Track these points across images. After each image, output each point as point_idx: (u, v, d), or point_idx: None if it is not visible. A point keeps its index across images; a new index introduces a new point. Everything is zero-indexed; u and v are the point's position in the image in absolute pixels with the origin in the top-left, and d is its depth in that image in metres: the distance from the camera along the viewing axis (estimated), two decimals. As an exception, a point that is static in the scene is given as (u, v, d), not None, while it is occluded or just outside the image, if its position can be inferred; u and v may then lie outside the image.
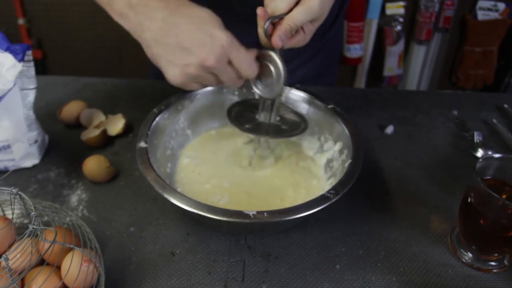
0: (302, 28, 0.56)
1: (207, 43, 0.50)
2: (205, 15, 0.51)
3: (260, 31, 0.55)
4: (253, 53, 0.55)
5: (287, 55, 0.56)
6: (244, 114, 0.65)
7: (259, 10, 0.54)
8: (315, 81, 0.89)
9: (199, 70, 0.51)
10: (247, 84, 0.59)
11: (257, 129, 0.63)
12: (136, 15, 0.51)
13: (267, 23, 0.54)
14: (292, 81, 0.74)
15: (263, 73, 0.57)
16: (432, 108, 0.87)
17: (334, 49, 0.95)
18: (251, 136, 0.67)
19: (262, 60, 0.57)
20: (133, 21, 0.52)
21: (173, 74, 0.52)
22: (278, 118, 0.64)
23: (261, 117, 0.64)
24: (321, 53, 0.89)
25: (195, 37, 0.50)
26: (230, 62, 0.52)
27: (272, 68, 0.56)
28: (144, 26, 0.51)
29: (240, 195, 0.62)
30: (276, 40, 0.54)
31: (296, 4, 0.54)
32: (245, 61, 0.53)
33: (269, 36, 0.54)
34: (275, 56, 0.55)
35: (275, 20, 0.54)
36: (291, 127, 0.64)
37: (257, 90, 0.60)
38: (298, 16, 0.53)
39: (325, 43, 0.88)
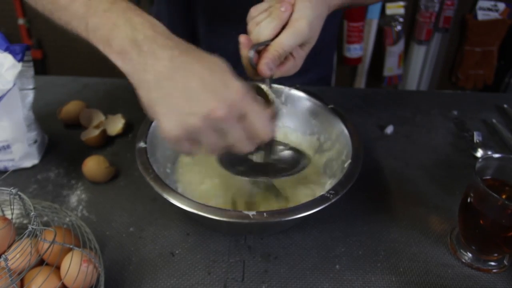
0: (291, 53, 0.51)
1: (220, 90, 0.40)
2: (218, 60, 0.43)
3: (245, 61, 0.49)
4: (270, 111, 0.47)
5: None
6: (236, 156, 0.53)
7: (242, 38, 0.48)
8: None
9: (203, 123, 0.41)
10: None
11: (253, 171, 0.56)
12: (139, 54, 0.42)
13: (252, 52, 0.48)
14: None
15: None
16: (432, 108, 0.87)
17: (327, 60, 0.93)
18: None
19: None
20: (135, 60, 0.42)
21: (170, 125, 0.41)
22: (275, 157, 0.57)
23: (257, 157, 0.56)
24: (313, 69, 0.87)
25: (206, 83, 0.41)
26: (242, 120, 0.42)
27: (259, 101, 0.49)
28: (147, 66, 0.42)
29: (240, 195, 0.62)
30: (264, 69, 0.48)
31: (283, 28, 0.49)
32: (262, 119, 0.43)
33: (255, 65, 0.49)
34: (265, 89, 0.49)
35: (261, 48, 0.49)
36: (291, 164, 0.57)
37: None
38: (285, 41, 0.48)
39: (317, 60, 0.87)
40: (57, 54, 1.97)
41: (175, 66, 0.41)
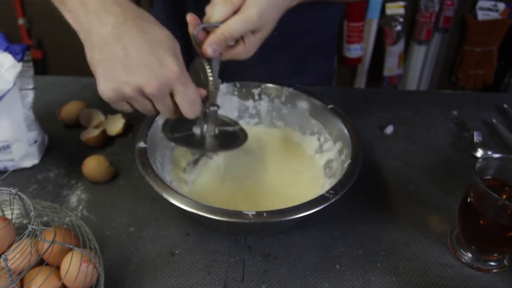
0: (242, 39, 0.52)
1: (154, 68, 0.45)
2: (162, 36, 0.46)
3: (192, 39, 0.51)
4: (201, 92, 0.51)
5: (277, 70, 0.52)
6: (182, 125, 0.60)
7: (189, 17, 0.50)
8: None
9: (135, 93, 0.46)
10: None
11: (188, 140, 0.59)
12: (86, 14, 0.45)
13: (197, 30, 0.50)
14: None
15: (198, 81, 0.53)
16: (432, 108, 0.87)
17: (328, 62, 0.94)
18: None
19: (195, 69, 0.53)
20: (82, 20, 0.46)
21: (106, 87, 0.46)
22: (215, 132, 0.60)
23: (197, 130, 0.60)
24: (313, 70, 0.88)
25: (143, 57, 0.45)
26: (172, 94, 0.48)
27: (202, 78, 0.53)
28: (92, 28, 0.45)
29: (240, 194, 0.62)
30: (206, 49, 0.50)
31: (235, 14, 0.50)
32: (189, 99, 0.48)
33: (200, 44, 0.51)
34: (205, 66, 0.52)
35: (210, 28, 0.50)
36: (229, 140, 0.61)
37: None
38: (233, 25, 0.49)
39: (318, 61, 0.87)
40: (57, 54, 1.97)
41: (118, 34, 0.45)
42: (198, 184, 0.63)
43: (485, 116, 0.85)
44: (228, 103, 0.69)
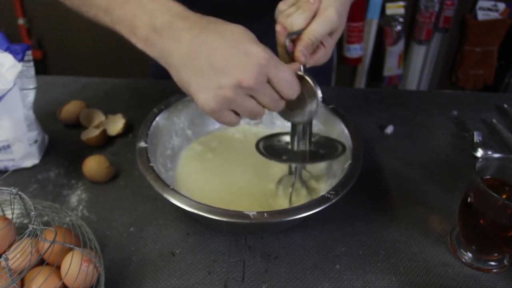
0: (322, 42, 0.53)
1: (243, 61, 0.44)
2: (237, 30, 0.46)
3: (280, 49, 0.51)
4: (294, 67, 0.50)
5: None
6: (273, 147, 0.60)
7: (278, 27, 0.50)
8: None
9: (236, 93, 0.45)
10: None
11: (295, 158, 0.58)
12: (161, 39, 0.45)
13: (288, 40, 0.50)
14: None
15: (295, 101, 0.52)
16: (432, 108, 0.87)
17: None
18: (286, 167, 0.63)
19: None
20: (159, 46, 0.46)
21: (206, 99, 0.45)
22: (312, 147, 0.59)
23: (295, 146, 0.58)
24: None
25: (228, 55, 0.44)
26: (269, 81, 0.46)
27: (302, 89, 0.50)
28: (171, 50, 0.45)
29: (241, 195, 0.62)
30: (299, 56, 0.49)
31: (313, 19, 0.51)
32: (286, 79, 0.47)
33: (291, 53, 0.51)
34: (303, 74, 0.50)
35: (294, 37, 0.51)
36: (329, 150, 0.59)
37: (287, 116, 0.54)
38: (317, 28, 0.50)
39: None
40: (57, 54, 1.97)
41: (197, 45, 0.44)
42: (196, 183, 0.64)
43: (485, 116, 0.85)
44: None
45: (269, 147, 0.60)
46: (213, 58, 0.44)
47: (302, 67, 0.51)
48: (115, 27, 0.49)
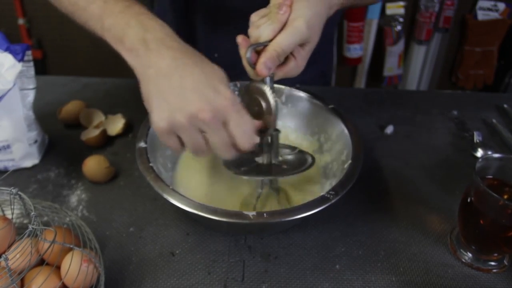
0: (292, 54, 0.51)
1: (210, 95, 0.44)
2: (216, 69, 0.48)
3: (244, 61, 0.50)
4: (257, 124, 0.49)
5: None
6: (241, 157, 0.56)
7: (239, 38, 0.50)
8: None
9: (189, 122, 0.44)
10: None
11: (256, 171, 0.57)
12: (146, 51, 0.47)
13: (249, 51, 0.49)
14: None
15: (253, 109, 0.52)
16: (432, 108, 0.87)
17: (327, 55, 0.94)
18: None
19: (251, 94, 0.52)
20: (142, 57, 0.47)
21: (160, 117, 0.45)
22: (280, 159, 0.58)
23: (261, 159, 0.58)
24: (313, 64, 0.88)
25: (199, 86, 0.45)
26: (227, 125, 0.46)
27: (262, 103, 0.51)
28: (151, 62, 0.46)
29: (240, 195, 0.62)
30: (261, 69, 0.48)
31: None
32: (245, 129, 0.46)
33: (253, 65, 0.50)
34: (264, 88, 0.50)
35: (260, 48, 0.49)
36: (295, 165, 0.59)
37: None
38: (283, 40, 0.48)
39: (317, 55, 0.87)
40: (57, 54, 1.96)
41: (175, 65, 0.46)
42: (196, 184, 0.64)
43: (485, 116, 0.85)
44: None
45: (239, 163, 0.58)
46: (184, 82, 0.45)
47: (268, 79, 0.50)
48: (103, 34, 0.50)
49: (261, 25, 0.50)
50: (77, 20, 0.54)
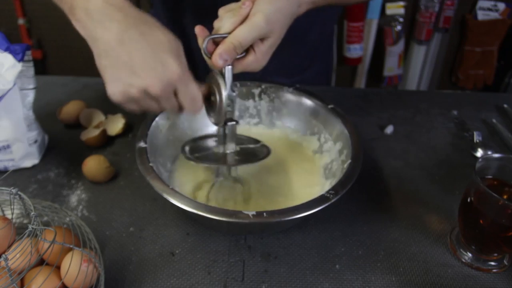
0: (252, 48, 0.52)
1: (157, 69, 0.47)
2: (164, 39, 0.48)
3: (202, 51, 0.51)
4: (203, 89, 0.52)
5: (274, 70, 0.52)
6: (200, 146, 0.60)
7: (197, 29, 0.51)
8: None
9: (141, 94, 0.48)
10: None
11: (209, 159, 0.59)
12: (91, 22, 0.48)
13: (206, 41, 0.50)
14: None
15: (214, 93, 0.53)
16: (432, 108, 0.87)
17: (326, 55, 0.94)
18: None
19: (210, 82, 0.53)
20: (89, 28, 0.48)
21: (114, 90, 0.48)
22: (237, 149, 0.59)
23: (218, 149, 0.60)
24: (313, 64, 0.88)
25: (146, 60, 0.47)
26: (176, 94, 0.50)
27: (216, 93, 0.52)
28: (97, 35, 0.48)
29: (240, 195, 0.62)
30: (216, 59, 0.50)
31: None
32: (190, 97, 0.50)
33: (209, 55, 0.51)
34: (219, 81, 0.51)
35: (218, 39, 0.50)
36: (250, 156, 0.60)
37: (209, 117, 0.56)
38: (241, 33, 0.49)
39: (316, 55, 0.88)
40: (57, 54, 1.96)
41: (121, 39, 0.47)
42: (196, 184, 0.64)
43: (485, 116, 0.85)
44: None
45: (196, 147, 0.61)
46: (132, 57, 0.47)
47: (228, 70, 0.51)
48: (63, 7, 0.51)
49: (223, 18, 0.51)
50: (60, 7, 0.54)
